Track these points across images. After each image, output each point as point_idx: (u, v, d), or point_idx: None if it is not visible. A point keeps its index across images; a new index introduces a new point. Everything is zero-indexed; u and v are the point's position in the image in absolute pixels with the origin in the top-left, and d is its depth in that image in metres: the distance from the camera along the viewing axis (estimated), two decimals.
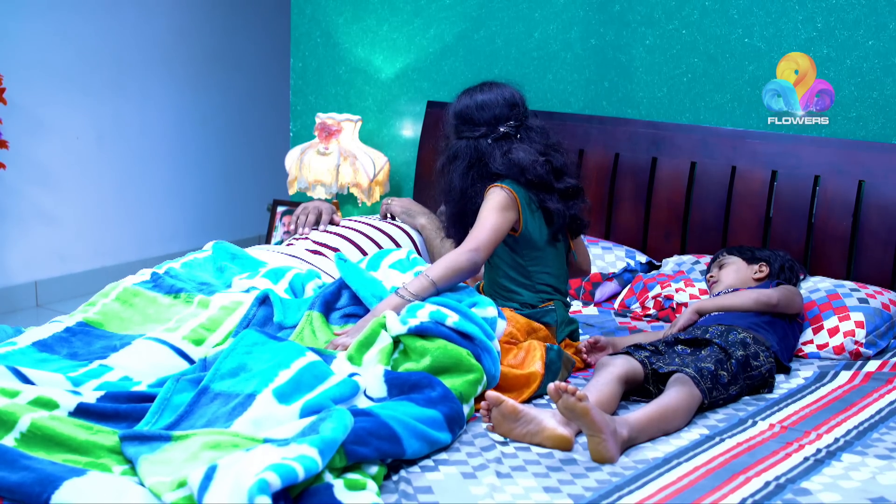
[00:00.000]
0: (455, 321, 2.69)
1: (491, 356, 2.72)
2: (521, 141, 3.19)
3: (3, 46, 5.09)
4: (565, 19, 4.42)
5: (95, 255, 5.71)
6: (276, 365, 2.44)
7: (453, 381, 2.58)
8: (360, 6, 4.95)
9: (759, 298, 3.21)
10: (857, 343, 3.28)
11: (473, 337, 2.70)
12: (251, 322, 2.91)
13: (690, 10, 4.11)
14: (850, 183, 3.73)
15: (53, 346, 2.78)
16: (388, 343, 2.67)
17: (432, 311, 2.73)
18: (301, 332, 2.84)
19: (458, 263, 2.97)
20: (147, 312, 3.01)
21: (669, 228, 4.11)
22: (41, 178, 5.41)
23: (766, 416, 2.72)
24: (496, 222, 3.05)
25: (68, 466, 2.12)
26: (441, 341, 2.65)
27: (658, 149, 4.12)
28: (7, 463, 2.08)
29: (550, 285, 3.20)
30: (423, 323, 2.68)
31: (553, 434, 2.45)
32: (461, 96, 3.26)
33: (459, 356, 2.62)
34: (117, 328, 2.93)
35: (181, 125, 6.15)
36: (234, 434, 2.21)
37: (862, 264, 3.73)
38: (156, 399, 2.44)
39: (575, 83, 4.43)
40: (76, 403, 2.36)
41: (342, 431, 2.16)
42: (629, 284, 3.86)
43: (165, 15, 5.98)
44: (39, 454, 2.17)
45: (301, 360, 2.46)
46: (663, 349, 2.96)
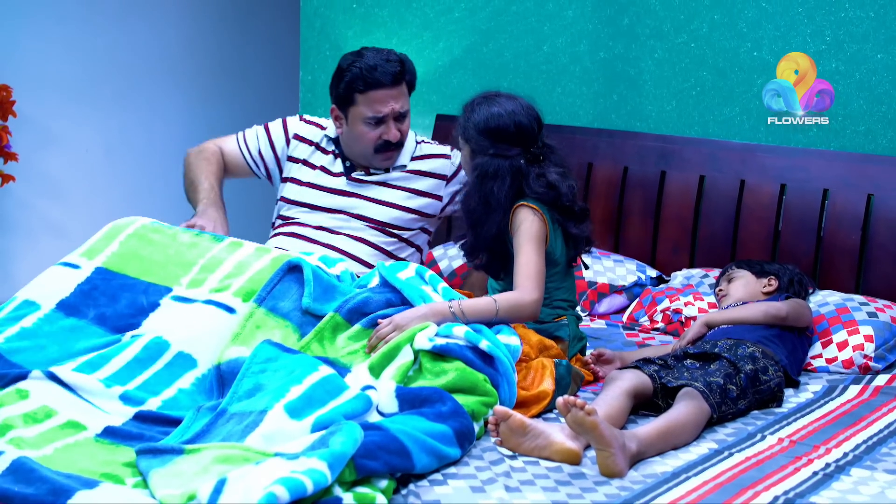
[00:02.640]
0: (487, 346, 2.70)
1: (510, 384, 2.72)
2: (546, 161, 3.18)
3: (12, 59, 5.11)
4: (574, 33, 4.43)
5: None
6: (289, 381, 2.43)
7: (466, 398, 2.58)
8: (370, 20, 4.96)
9: (768, 311, 3.21)
10: (867, 357, 3.27)
11: (499, 364, 2.71)
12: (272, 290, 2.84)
13: (699, 24, 4.12)
14: (859, 197, 3.73)
15: (79, 308, 2.84)
16: (409, 360, 2.66)
17: (467, 331, 2.73)
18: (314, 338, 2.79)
19: (523, 310, 2.98)
20: (167, 252, 3.01)
21: (678, 242, 4.11)
22: (50, 190, 5.42)
23: (775, 431, 2.72)
24: (541, 260, 3.05)
25: (83, 478, 2.13)
26: (459, 363, 2.64)
27: (667, 162, 4.12)
28: (24, 474, 2.10)
29: (565, 300, 3.21)
30: (448, 343, 2.67)
31: (561, 448, 2.45)
32: (481, 105, 3.17)
33: (476, 381, 2.62)
34: (137, 271, 2.94)
35: (190, 138, 6.13)
36: (246, 448, 2.21)
37: (871, 278, 3.73)
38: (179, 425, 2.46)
39: (584, 96, 4.43)
40: (104, 426, 2.40)
41: (352, 445, 2.16)
42: (638, 298, 3.86)
43: (174, 27, 5.99)
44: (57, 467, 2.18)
45: (314, 376, 2.45)
46: (672, 363, 2.96)
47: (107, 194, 5.71)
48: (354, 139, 3.56)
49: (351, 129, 3.54)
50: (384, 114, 3.49)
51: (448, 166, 3.70)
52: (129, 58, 5.74)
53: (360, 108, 3.49)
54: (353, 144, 3.58)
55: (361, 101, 3.48)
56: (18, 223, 5.30)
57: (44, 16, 5.28)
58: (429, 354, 2.67)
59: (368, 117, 3.48)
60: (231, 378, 2.57)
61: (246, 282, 2.85)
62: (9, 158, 4.71)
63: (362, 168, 3.64)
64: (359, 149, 3.58)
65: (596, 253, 4.03)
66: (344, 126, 3.57)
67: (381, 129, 3.51)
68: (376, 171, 3.63)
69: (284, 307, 2.81)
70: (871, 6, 3.76)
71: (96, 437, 2.35)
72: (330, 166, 3.66)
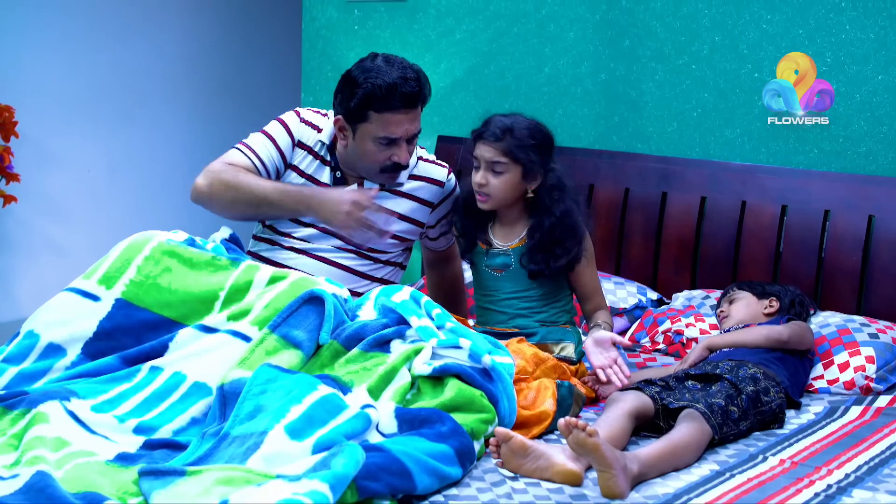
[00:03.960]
0: (488, 362, 2.70)
1: (510, 401, 2.72)
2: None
3: (15, 79, 5.12)
4: (575, 54, 4.44)
5: None
6: (289, 400, 2.43)
7: (465, 417, 2.57)
8: (371, 41, 4.97)
9: (769, 335, 3.21)
10: (868, 378, 3.27)
11: (499, 379, 2.72)
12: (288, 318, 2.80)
13: (700, 46, 4.13)
14: (860, 218, 3.74)
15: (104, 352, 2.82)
16: (406, 382, 2.66)
17: (473, 344, 2.74)
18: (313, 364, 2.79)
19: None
20: (187, 282, 2.94)
21: (680, 263, 4.11)
22: (52, 210, 5.43)
23: (777, 452, 2.72)
24: None
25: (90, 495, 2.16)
26: (456, 381, 2.65)
27: (668, 184, 4.12)
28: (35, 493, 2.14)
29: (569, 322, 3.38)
30: (446, 364, 2.68)
31: (563, 469, 2.45)
32: (517, 116, 3.31)
33: (472, 396, 2.62)
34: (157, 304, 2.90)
35: (192, 158, 6.15)
36: (247, 470, 2.21)
37: (872, 299, 3.73)
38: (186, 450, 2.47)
39: (585, 118, 4.44)
40: (116, 453, 2.42)
41: (353, 467, 2.17)
42: (639, 319, 3.86)
43: (177, 47, 6.00)
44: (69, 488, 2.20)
45: (313, 395, 2.45)
46: (674, 385, 2.96)
47: (109, 214, 5.71)
48: (360, 156, 3.34)
49: (358, 146, 3.31)
50: (398, 136, 3.28)
51: (438, 193, 3.54)
52: (131, 77, 5.75)
53: (373, 127, 3.26)
54: (357, 161, 3.37)
55: (375, 120, 3.25)
56: (20, 243, 5.30)
57: (46, 35, 5.30)
58: (428, 379, 2.68)
59: (380, 137, 3.27)
60: (233, 399, 2.57)
61: (262, 309, 2.82)
62: (11, 179, 4.72)
63: (354, 180, 3.44)
64: (362, 166, 3.36)
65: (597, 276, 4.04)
66: (349, 141, 3.33)
67: (391, 150, 3.29)
68: (369, 186, 3.42)
69: (298, 336, 2.76)
70: (872, 28, 3.78)
71: (107, 461, 2.36)
72: (317, 175, 3.44)
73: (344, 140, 3.36)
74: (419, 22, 4.84)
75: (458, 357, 2.73)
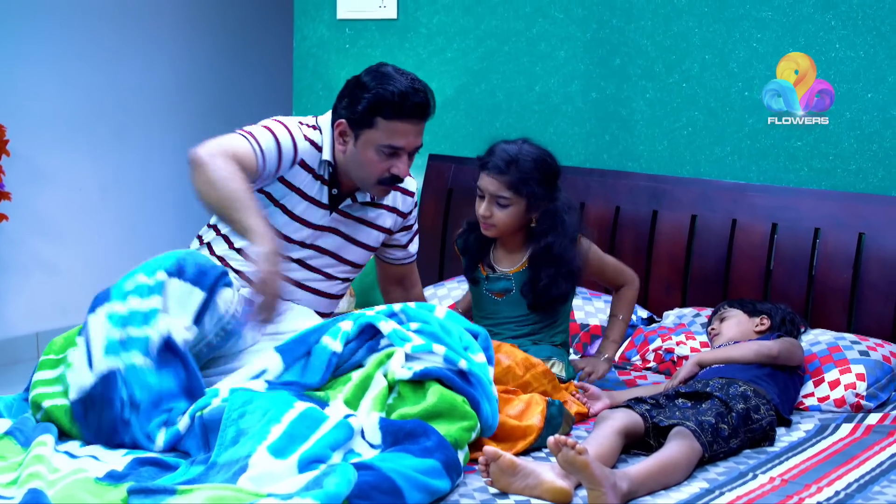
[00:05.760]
0: (465, 366, 2.70)
1: (490, 403, 2.72)
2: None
3: (7, 98, 5.12)
4: (566, 73, 4.45)
5: None
6: (267, 422, 2.43)
7: (448, 427, 2.57)
8: (362, 60, 4.97)
9: (760, 350, 3.22)
10: (858, 396, 3.27)
11: (478, 383, 2.71)
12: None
13: (691, 64, 4.14)
14: (850, 236, 3.74)
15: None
16: (383, 387, 2.66)
17: (447, 350, 2.73)
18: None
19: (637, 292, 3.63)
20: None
21: (670, 281, 4.11)
22: (43, 229, 5.42)
23: (767, 470, 2.71)
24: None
25: None
26: (437, 386, 2.65)
27: (658, 202, 4.13)
28: None
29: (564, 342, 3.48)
30: (426, 368, 2.68)
31: (552, 487, 2.44)
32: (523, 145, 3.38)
33: (454, 402, 2.62)
34: None
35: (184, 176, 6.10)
36: (238, 489, 2.22)
37: (863, 317, 3.73)
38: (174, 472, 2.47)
39: (575, 136, 4.45)
40: (105, 472, 2.42)
41: (346, 486, 2.19)
42: (629, 338, 3.86)
43: (170, 66, 6.01)
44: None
45: (291, 413, 2.45)
46: (664, 402, 2.96)
47: (101, 233, 5.71)
48: (359, 164, 3.23)
49: (358, 153, 3.21)
50: (402, 146, 3.20)
51: (410, 203, 3.53)
52: (123, 97, 5.76)
53: (378, 134, 3.17)
54: (355, 168, 3.26)
55: (382, 127, 3.16)
56: (11, 262, 5.30)
57: (39, 53, 5.30)
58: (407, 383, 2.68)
59: (384, 146, 3.18)
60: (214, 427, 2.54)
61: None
62: (2, 197, 4.71)
63: (347, 193, 3.35)
64: (360, 174, 3.26)
65: (587, 294, 4.04)
66: (349, 146, 3.23)
67: (392, 161, 3.21)
68: (362, 200, 3.37)
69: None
70: (861, 46, 3.79)
71: (96, 479, 2.36)
72: (318, 196, 3.32)
73: (343, 146, 3.26)
74: (410, 41, 4.85)
75: (433, 361, 2.72)
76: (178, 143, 6.07)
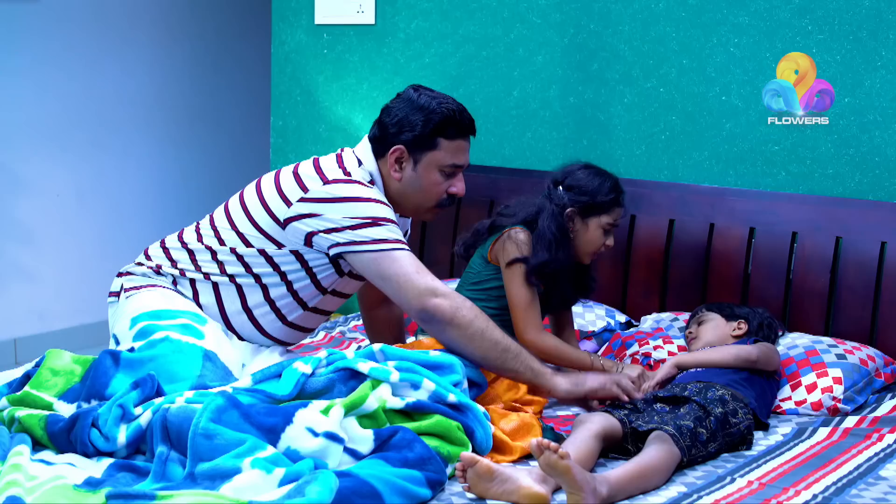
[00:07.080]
0: (454, 399, 2.71)
1: (483, 429, 2.73)
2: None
3: None
4: (544, 78, 4.45)
5: (75, 313, 5.68)
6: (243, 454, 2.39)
7: (439, 442, 2.60)
8: (341, 65, 4.98)
9: (739, 354, 3.22)
10: (835, 399, 3.27)
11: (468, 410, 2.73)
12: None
13: (668, 69, 4.15)
14: (827, 239, 3.75)
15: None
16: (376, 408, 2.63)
17: (436, 388, 2.71)
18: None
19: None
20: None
21: (648, 286, 4.12)
22: (20, 235, 5.40)
23: (745, 473, 2.72)
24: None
25: None
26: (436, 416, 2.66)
27: (636, 206, 4.13)
28: None
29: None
30: (419, 400, 2.68)
31: (529, 492, 2.44)
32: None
33: (450, 427, 2.64)
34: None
35: (162, 183, 6.16)
36: (220, 496, 2.21)
37: (840, 320, 3.74)
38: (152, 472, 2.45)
39: (553, 141, 4.45)
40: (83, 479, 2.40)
41: (329, 494, 2.19)
42: (607, 342, 3.86)
43: (147, 73, 6.00)
44: None
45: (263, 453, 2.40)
46: (642, 407, 2.96)
47: (79, 239, 5.69)
48: (419, 189, 3.19)
49: (421, 177, 3.17)
50: (463, 164, 3.19)
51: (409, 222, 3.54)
52: (101, 103, 5.74)
53: (441, 155, 3.15)
54: (413, 194, 3.21)
55: (445, 148, 3.15)
56: None
57: (16, 60, 5.29)
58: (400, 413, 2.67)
59: (447, 165, 3.15)
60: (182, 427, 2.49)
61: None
62: None
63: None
64: (419, 199, 3.22)
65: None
66: (406, 173, 3.18)
67: (450, 181, 3.18)
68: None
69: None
70: (839, 51, 3.80)
71: (75, 486, 2.34)
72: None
73: (399, 173, 3.19)
74: (388, 46, 4.85)
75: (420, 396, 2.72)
76: (155, 150, 6.07)
